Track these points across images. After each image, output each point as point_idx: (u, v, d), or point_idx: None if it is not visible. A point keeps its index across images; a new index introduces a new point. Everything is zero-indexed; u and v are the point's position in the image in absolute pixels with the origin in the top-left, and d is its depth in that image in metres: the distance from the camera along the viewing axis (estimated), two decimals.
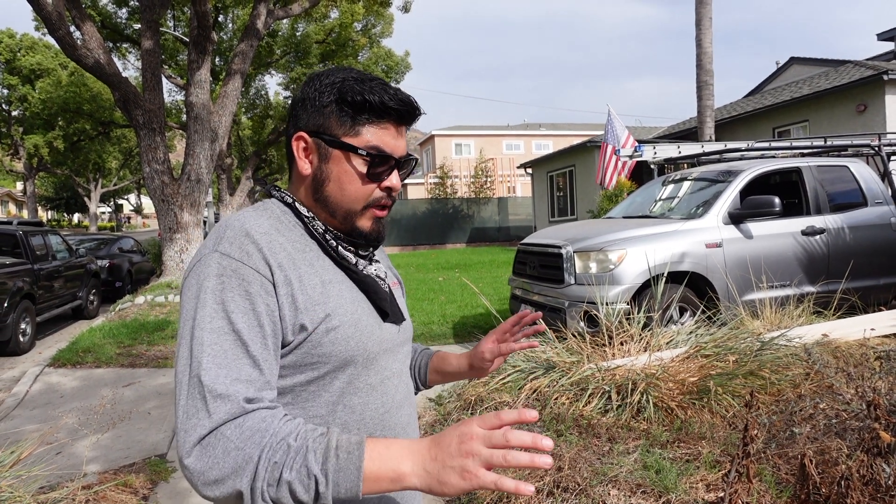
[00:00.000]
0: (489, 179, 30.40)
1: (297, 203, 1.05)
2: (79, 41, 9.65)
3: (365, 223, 1.05)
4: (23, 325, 7.58)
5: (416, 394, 1.31)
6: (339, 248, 1.04)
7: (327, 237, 1.03)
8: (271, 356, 0.92)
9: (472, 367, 1.32)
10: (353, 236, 1.05)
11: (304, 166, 1.04)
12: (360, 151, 1.01)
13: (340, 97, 1.01)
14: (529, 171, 22.25)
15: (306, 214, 1.04)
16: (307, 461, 0.81)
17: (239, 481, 0.81)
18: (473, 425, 0.81)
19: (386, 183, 1.04)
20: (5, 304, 7.11)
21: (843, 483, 2.32)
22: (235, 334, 0.88)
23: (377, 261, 1.13)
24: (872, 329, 4.38)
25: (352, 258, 1.05)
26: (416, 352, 1.38)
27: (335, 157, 1.02)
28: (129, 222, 55.81)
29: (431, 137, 42.47)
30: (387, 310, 1.07)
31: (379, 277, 1.09)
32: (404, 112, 1.04)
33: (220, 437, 0.83)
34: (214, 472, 0.82)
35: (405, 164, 1.07)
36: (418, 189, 37.05)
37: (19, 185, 45.20)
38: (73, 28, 9.80)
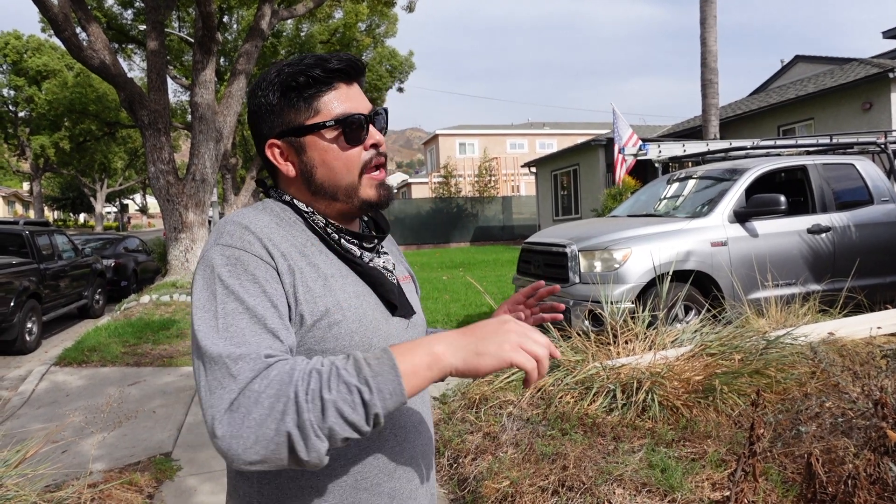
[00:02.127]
0: (493, 178, 30.40)
1: (294, 200, 1.03)
2: (84, 42, 9.70)
3: (370, 192, 1.02)
4: (29, 325, 7.62)
5: None
6: (342, 240, 1.02)
7: (328, 231, 1.02)
8: (290, 331, 0.90)
9: None
10: (365, 210, 1.03)
11: (288, 169, 1.03)
12: (327, 124, 0.99)
13: (285, 88, 1.00)
14: (533, 170, 22.23)
15: (305, 210, 1.02)
16: (342, 377, 0.80)
17: (282, 424, 0.77)
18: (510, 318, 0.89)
19: (369, 141, 1.02)
20: (12, 304, 7.14)
21: (849, 482, 2.30)
22: (249, 312, 0.86)
23: (385, 253, 1.11)
24: (879, 327, 4.36)
25: (356, 251, 1.03)
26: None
27: (310, 144, 1.01)
28: (129, 222, 55.85)
29: (435, 137, 42.47)
30: (395, 302, 1.04)
31: (386, 269, 1.07)
32: (348, 69, 1.01)
33: (248, 393, 0.79)
34: (250, 429, 0.77)
35: (377, 119, 1.04)
36: (422, 188, 37.06)
37: (26, 186, 45.40)
38: (78, 29, 9.83)
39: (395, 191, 45.09)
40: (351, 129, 1.00)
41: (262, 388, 0.79)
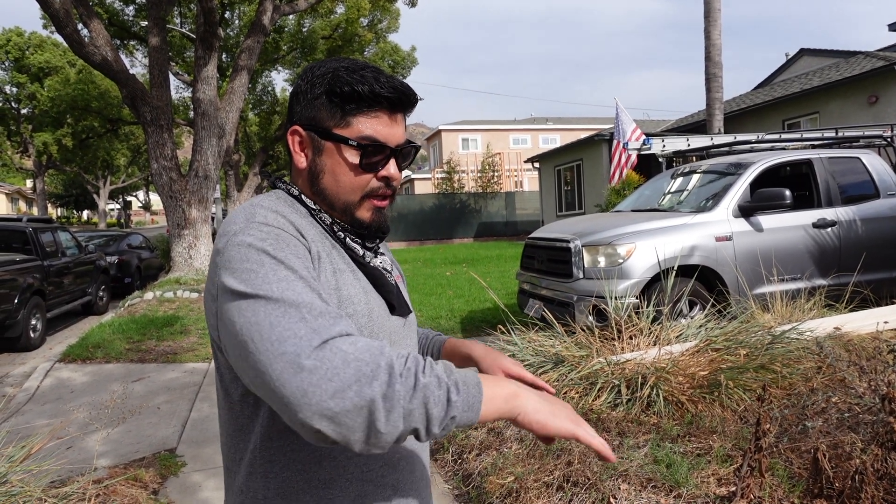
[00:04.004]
0: (496, 174, 30.33)
1: (303, 195, 1.04)
2: (86, 38, 9.68)
3: (364, 214, 1.03)
4: (33, 321, 7.63)
5: None
6: (347, 239, 1.04)
7: (335, 228, 1.03)
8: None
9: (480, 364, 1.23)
10: (355, 227, 1.04)
11: (300, 160, 1.04)
12: (350, 142, 0.99)
13: (330, 88, 0.99)
14: (537, 165, 22.17)
15: (312, 207, 1.03)
16: (435, 370, 0.80)
17: (368, 388, 0.74)
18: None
19: (382, 172, 1.02)
20: (16, 301, 7.16)
21: (857, 477, 2.29)
22: (304, 280, 0.84)
23: (382, 253, 1.13)
24: (885, 322, 4.33)
25: (359, 250, 1.05)
26: (427, 338, 1.33)
27: (328, 150, 1.01)
28: (126, 219, 55.80)
29: (438, 132, 42.39)
30: (394, 302, 1.06)
31: (385, 270, 1.09)
32: (396, 99, 1.01)
33: (334, 349, 0.76)
34: (335, 382, 0.74)
35: (404, 153, 1.05)
36: (425, 184, 37.00)
37: (29, 183, 45.50)
38: (80, 26, 9.83)
39: (398, 186, 45.01)
40: (369, 157, 1.00)
41: (350, 350, 0.76)
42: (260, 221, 0.91)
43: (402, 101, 1.02)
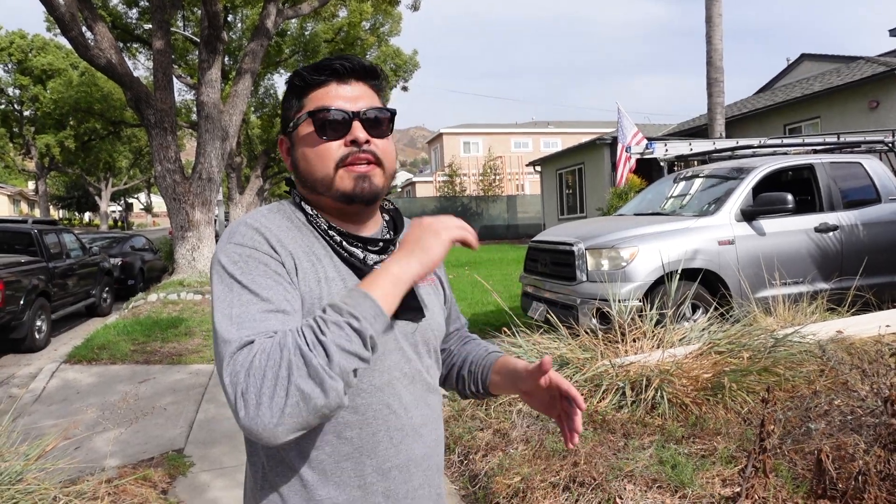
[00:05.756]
0: (498, 177, 30.39)
1: (303, 202, 1.07)
2: (91, 41, 9.74)
3: (345, 184, 1.02)
4: (38, 323, 7.67)
5: (471, 397, 1.28)
6: (344, 243, 1.04)
7: (331, 233, 1.04)
8: (300, 307, 0.96)
9: (528, 382, 1.14)
10: (345, 202, 1.04)
11: (288, 163, 1.10)
12: (301, 119, 1.04)
13: (289, 87, 1.07)
14: (538, 168, 22.22)
15: (310, 212, 1.06)
16: (330, 320, 0.86)
17: (290, 384, 0.82)
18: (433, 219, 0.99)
19: (349, 137, 1.02)
20: (21, 302, 7.19)
21: (860, 478, 2.32)
22: (259, 298, 0.92)
23: None
24: (888, 326, 4.36)
25: (359, 254, 1.05)
26: (480, 357, 1.26)
27: (296, 139, 1.06)
28: (124, 221, 55.75)
29: (440, 136, 42.46)
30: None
31: None
32: (339, 67, 1.04)
33: (252, 372, 0.84)
34: (266, 406, 0.82)
35: (371, 118, 1.04)
36: (427, 187, 37.07)
37: (31, 185, 45.55)
38: (84, 29, 9.88)
39: (400, 189, 45.06)
40: (321, 123, 1.02)
41: (262, 362, 0.83)
42: (236, 242, 0.97)
43: (348, 67, 1.04)
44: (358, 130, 1.02)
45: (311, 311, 0.96)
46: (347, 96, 1.04)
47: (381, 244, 1.08)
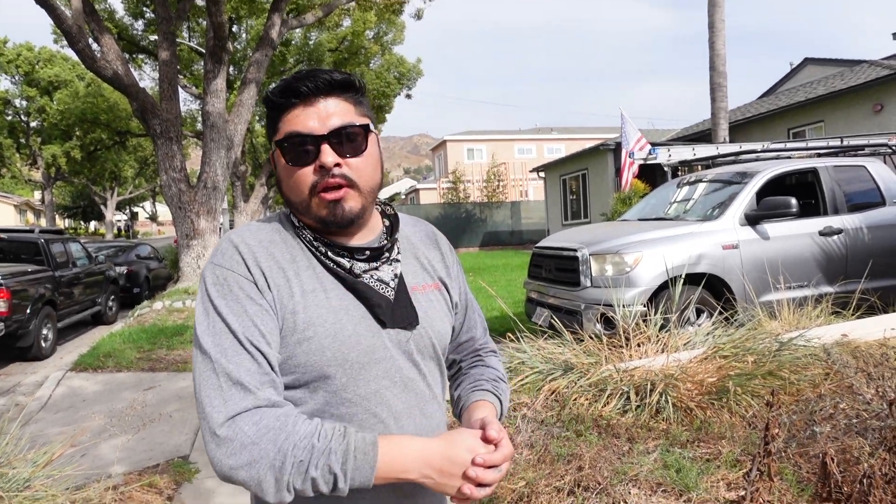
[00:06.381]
0: (501, 184, 30.42)
1: (292, 215, 1.08)
2: (98, 53, 9.83)
3: (320, 211, 1.01)
4: (44, 331, 7.71)
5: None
6: (329, 253, 1.03)
7: (315, 244, 1.04)
8: (272, 348, 0.97)
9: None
10: (325, 225, 1.03)
11: (277, 180, 1.10)
12: (275, 143, 1.04)
13: (266, 106, 1.06)
14: (542, 174, 22.23)
15: (296, 224, 1.06)
16: (329, 461, 0.89)
17: (263, 472, 0.88)
18: (479, 443, 0.96)
19: (318, 162, 0.99)
20: (28, 311, 7.24)
21: (865, 481, 2.31)
22: (232, 332, 0.95)
23: (397, 260, 1.09)
24: (892, 329, 4.35)
25: (346, 263, 1.03)
26: (469, 389, 1.20)
27: (276, 160, 1.05)
28: (128, 230, 55.98)
29: (444, 143, 42.58)
30: (381, 317, 1.03)
31: (381, 282, 1.05)
32: (300, 88, 0.99)
33: (236, 429, 0.90)
34: (232, 460, 0.89)
35: (340, 137, 1.00)
36: (431, 194, 37.13)
37: (37, 194, 45.87)
38: (91, 41, 9.98)
39: (404, 196, 45.12)
40: (293, 151, 1.00)
41: (250, 433, 0.89)
42: (216, 263, 1.00)
43: (311, 88, 1.00)
44: (325, 155, 0.99)
45: (285, 322, 0.98)
46: (317, 117, 1.00)
47: (367, 252, 1.05)
